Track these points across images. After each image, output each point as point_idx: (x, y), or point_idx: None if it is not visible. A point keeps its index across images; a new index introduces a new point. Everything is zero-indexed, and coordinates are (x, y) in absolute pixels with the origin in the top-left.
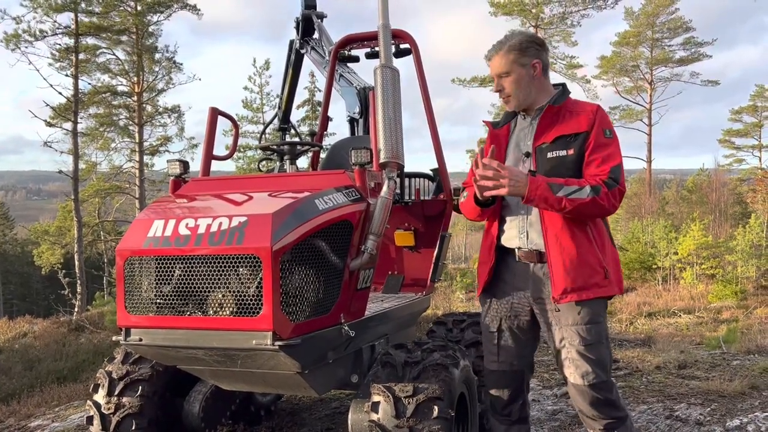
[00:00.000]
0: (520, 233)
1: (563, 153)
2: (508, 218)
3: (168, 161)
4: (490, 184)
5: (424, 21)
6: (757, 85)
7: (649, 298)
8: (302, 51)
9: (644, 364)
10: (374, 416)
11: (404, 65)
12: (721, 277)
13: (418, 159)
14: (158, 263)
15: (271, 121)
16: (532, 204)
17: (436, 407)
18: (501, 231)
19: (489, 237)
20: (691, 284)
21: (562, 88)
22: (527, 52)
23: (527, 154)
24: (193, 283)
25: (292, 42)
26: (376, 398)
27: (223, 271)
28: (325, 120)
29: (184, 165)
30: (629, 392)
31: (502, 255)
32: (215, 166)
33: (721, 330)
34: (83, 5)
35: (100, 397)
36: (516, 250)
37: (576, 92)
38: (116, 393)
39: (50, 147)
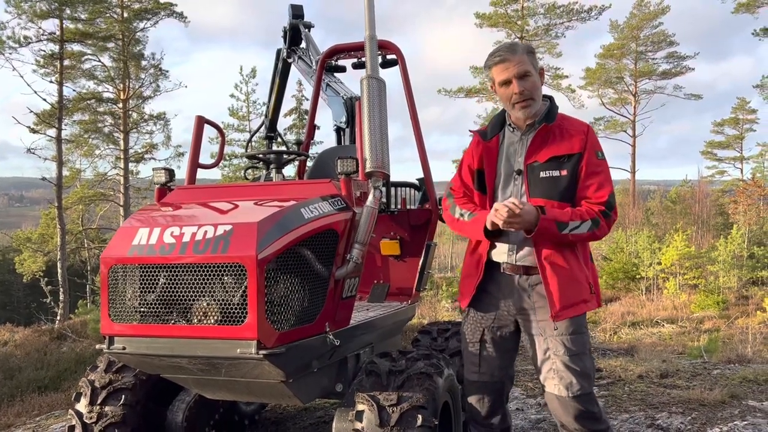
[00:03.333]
0: (509, 250)
1: (556, 173)
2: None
3: (153, 169)
4: (504, 218)
5: (421, 30)
6: (739, 98)
7: (632, 307)
8: (289, 60)
9: (627, 373)
10: (358, 425)
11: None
12: (703, 287)
13: (406, 168)
14: (143, 271)
15: (257, 130)
16: (535, 238)
17: (420, 416)
18: (492, 245)
19: (477, 251)
20: (674, 294)
21: (550, 103)
22: (536, 59)
23: (519, 172)
24: (177, 292)
25: (279, 51)
26: (360, 407)
27: (207, 279)
28: (312, 129)
29: (170, 173)
30: (612, 401)
31: (488, 267)
32: (201, 174)
33: (703, 340)
34: (68, 12)
35: (82, 406)
36: (502, 263)
37: (561, 103)
38: (98, 402)
39: (34, 153)
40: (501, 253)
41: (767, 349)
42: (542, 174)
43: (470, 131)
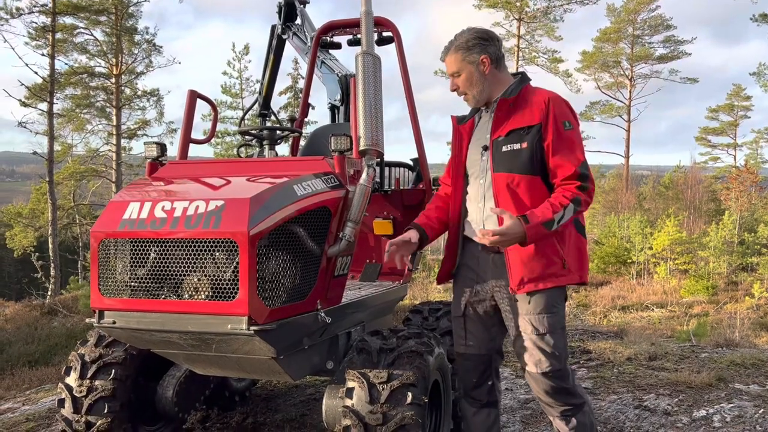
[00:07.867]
0: (477, 226)
1: (517, 147)
2: (470, 211)
3: (145, 143)
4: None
5: (431, 7)
6: (735, 84)
7: (623, 291)
8: (284, 36)
9: (616, 355)
10: (348, 402)
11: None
12: (693, 272)
13: (400, 149)
14: (133, 246)
15: (251, 107)
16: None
17: (409, 393)
18: (464, 222)
19: (453, 227)
20: (665, 279)
21: (521, 77)
22: (473, 50)
23: (485, 148)
24: (168, 267)
25: (274, 27)
26: (350, 384)
27: (199, 254)
28: (306, 106)
29: (162, 147)
30: (600, 382)
31: (465, 243)
32: (192, 152)
33: (692, 324)
34: None
35: (72, 380)
36: (477, 239)
37: (558, 86)
38: (89, 376)
39: (25, 127)
40: (472, 230)
41: (755, 334)
42: (504, 148)
43: (451, 117)
